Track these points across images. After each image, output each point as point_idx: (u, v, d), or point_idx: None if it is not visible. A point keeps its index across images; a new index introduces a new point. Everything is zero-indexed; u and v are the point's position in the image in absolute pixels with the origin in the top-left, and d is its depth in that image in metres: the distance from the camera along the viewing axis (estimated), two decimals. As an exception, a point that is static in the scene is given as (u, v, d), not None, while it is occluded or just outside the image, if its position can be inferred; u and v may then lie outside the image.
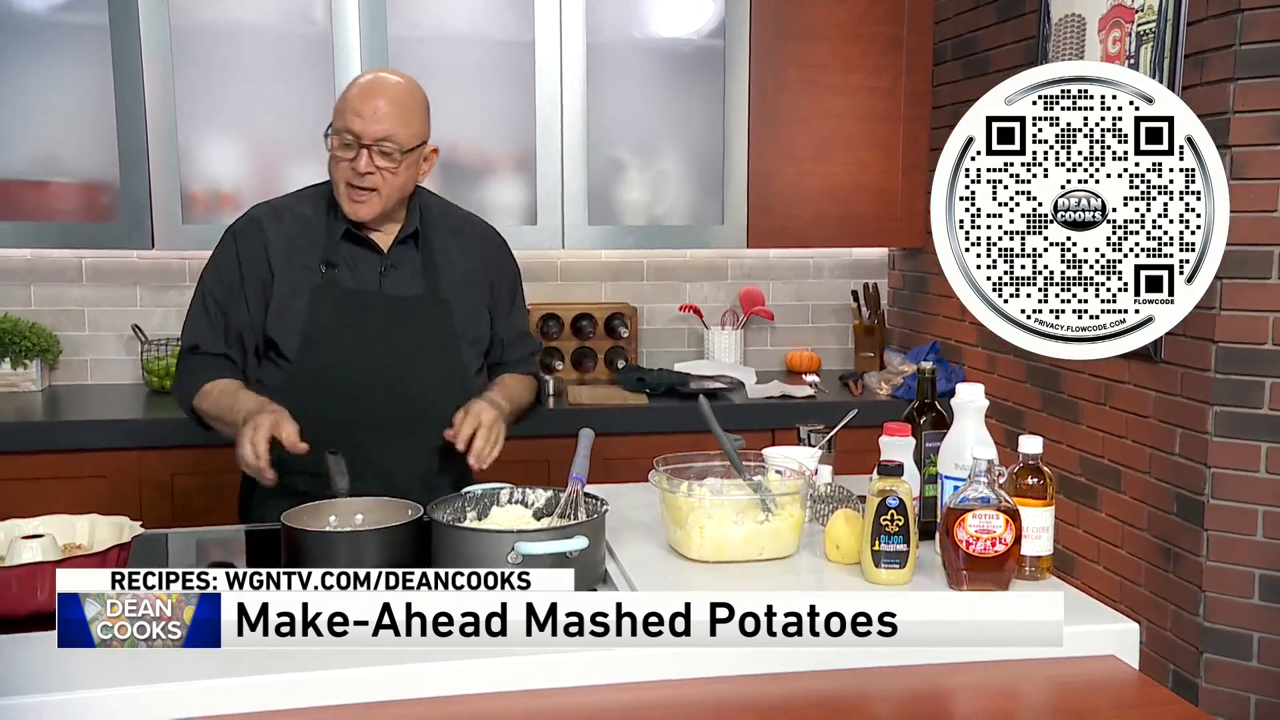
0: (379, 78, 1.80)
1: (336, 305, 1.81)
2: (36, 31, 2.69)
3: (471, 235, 1.97)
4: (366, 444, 1.79)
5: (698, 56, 3.01)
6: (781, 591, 1.42)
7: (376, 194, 1.77)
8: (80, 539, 1.45)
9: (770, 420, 2.83)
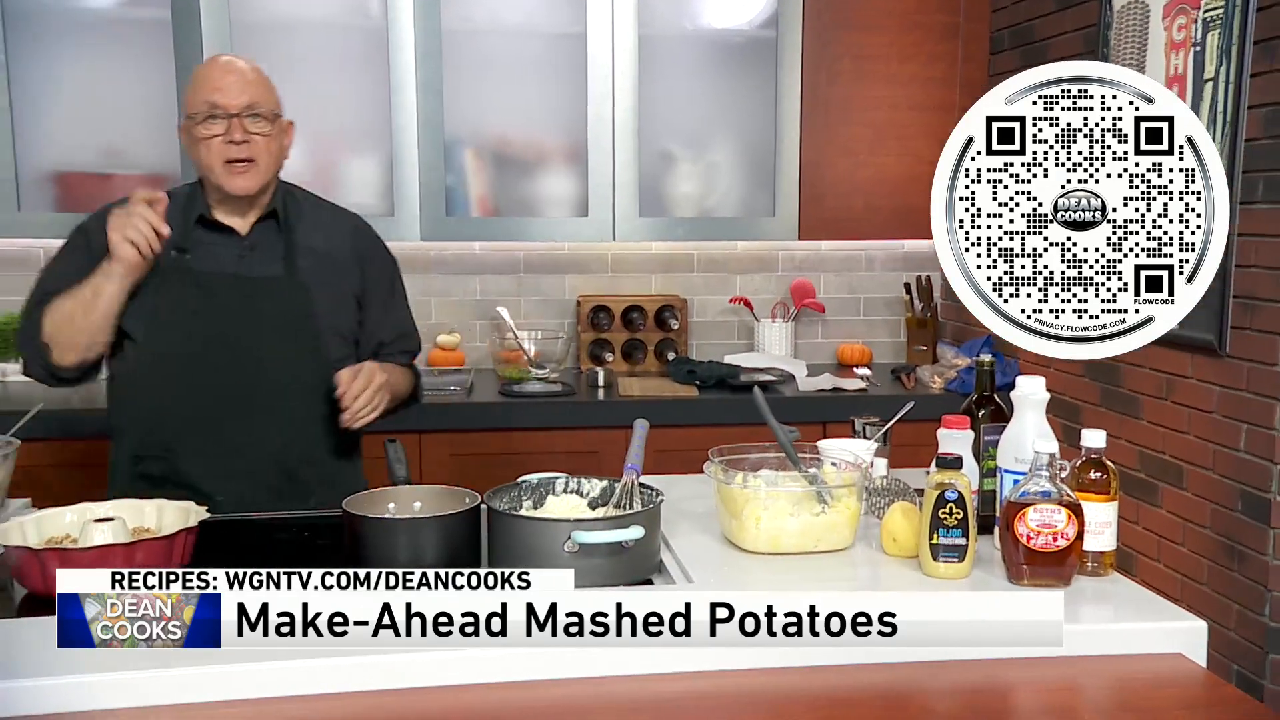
0: (226, 57, 1.85)
1: (183, 288, 1.80)
2: (101, 27, 2.75)
3: (339, 223, 1.96)
4: (216, 425, 1.80)
5: (749, 47, 3.00)
6: (838, 584, 1.43)
7: (255, 164, 1.79)
8: (148, 523, 1.48)
9: (821, 413, 2.81)
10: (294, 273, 1.85)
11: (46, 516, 1.45)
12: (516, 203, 2.99)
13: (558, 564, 1.39)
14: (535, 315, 3.26)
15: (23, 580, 1.36)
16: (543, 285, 3.27)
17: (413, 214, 2.89)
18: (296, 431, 1.84)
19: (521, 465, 2.66)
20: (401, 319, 2.02)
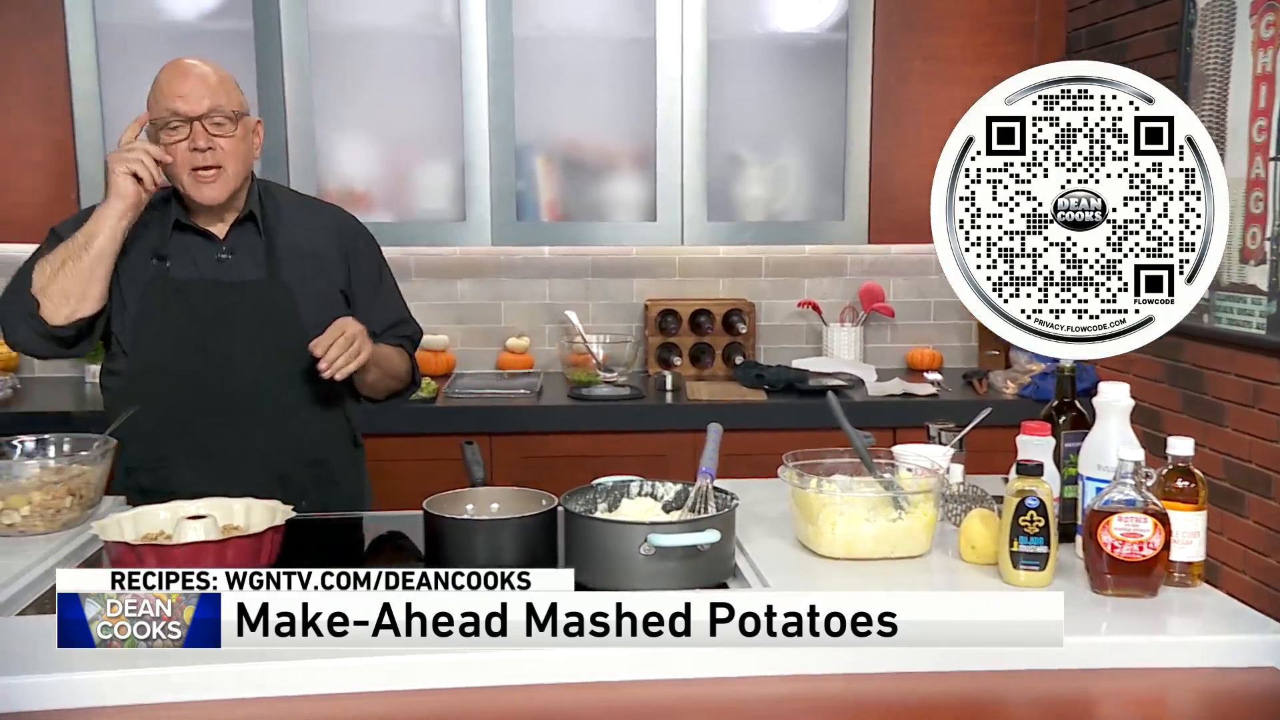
0: (182, 62, 1.80)
1: (165, 297, 1.80)
2: (186, 39, 2.83)
3: (321, 219, 1.94)
4: (205, 432, 1.80)
5: (819, 51, 2.99)
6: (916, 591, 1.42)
7: (222, 170, 1.76)
8: (237, 520, 1.53)
9: (892, 418, 2.78)
10: (276, 274, 1.84)
11: (142, 514, 1.49)
12: (586, 207, 3.02)
13: (633, 566, 1.40)
14: (603, 319, 3.28)
15: (120, 574, 1.40)
16: (611, 289, 3.29)
17: (484, 219, 2.93)
18: (287, 435, 1.83)
19: (590, 468, 2.68)
20: (392, 309, 2.00)
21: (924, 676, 1.24)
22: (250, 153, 1.83)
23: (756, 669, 1.24)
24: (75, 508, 1.57)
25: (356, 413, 1.99)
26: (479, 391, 2.91)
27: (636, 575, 1.40)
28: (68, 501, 1.56)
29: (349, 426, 1.96)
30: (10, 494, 1.52)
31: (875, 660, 1.24)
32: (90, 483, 1.59)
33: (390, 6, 2.88)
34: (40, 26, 2.74)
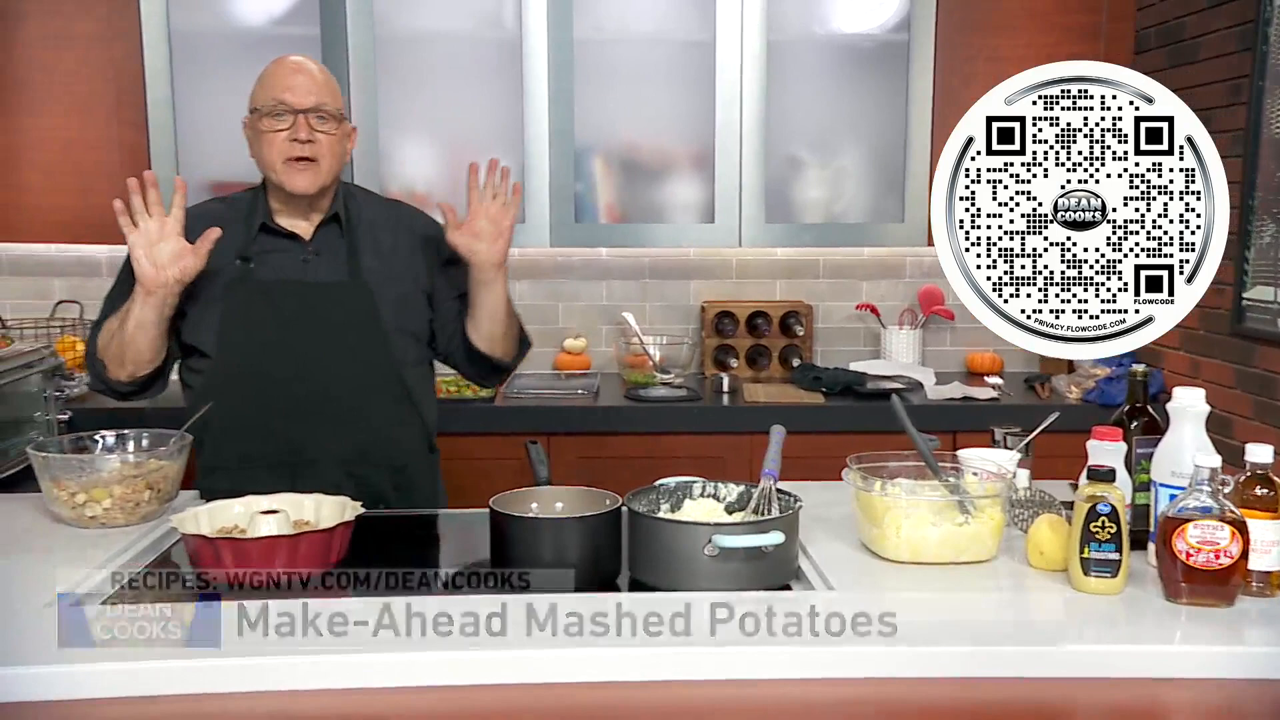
0: (295, 58, 1.84)
1: (250, 298, 1.80)
2: (255, 44, 2.89)
3: (405, 221, 1.95)
4: (285, 433, 1.80)
5: (880, 51, 2.97)
6: (981, 595, 1.41)
7: (317, 164, 1.78)
8: (308, 516, 1.56)
9: (952, 422, 2.75)
10: (358, 275, 1.84)
11: (217, 508, 1.53)
12: (644, 209, 3.03)
13: (697, 567, 1.41)
14: (660, 320, 3.29)
15: (198, 566, 1.44)
16: (668, 291, 3.30)
17: (543, 220, 2.95)
18: (366, 438, 1.83)
19: (647, 469, 2.69)
20: None
21: (991, 682, 1.23)
22: (344, 155, 1.86)
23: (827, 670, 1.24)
24: (153, 501, 1.62)
25: (433, 418, 1.99)
26: (537, 392, 2.93)
27: (700, 576, 1.41)
28: (146, 495, 1.60)
29: (426, 431, 1.96)
30: (92, 487, 1.57)
31: (941, 664, 1.24)
32: (168, 477, 1.64)
33: (453, 10, 2.92)
34: (116, 33, 2.82)
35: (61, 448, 1.64)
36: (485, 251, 1.81)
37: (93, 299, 3.16)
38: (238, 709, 1.15)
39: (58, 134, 2.85)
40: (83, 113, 2.84)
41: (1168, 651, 1.26)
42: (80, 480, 1.57)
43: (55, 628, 1.26)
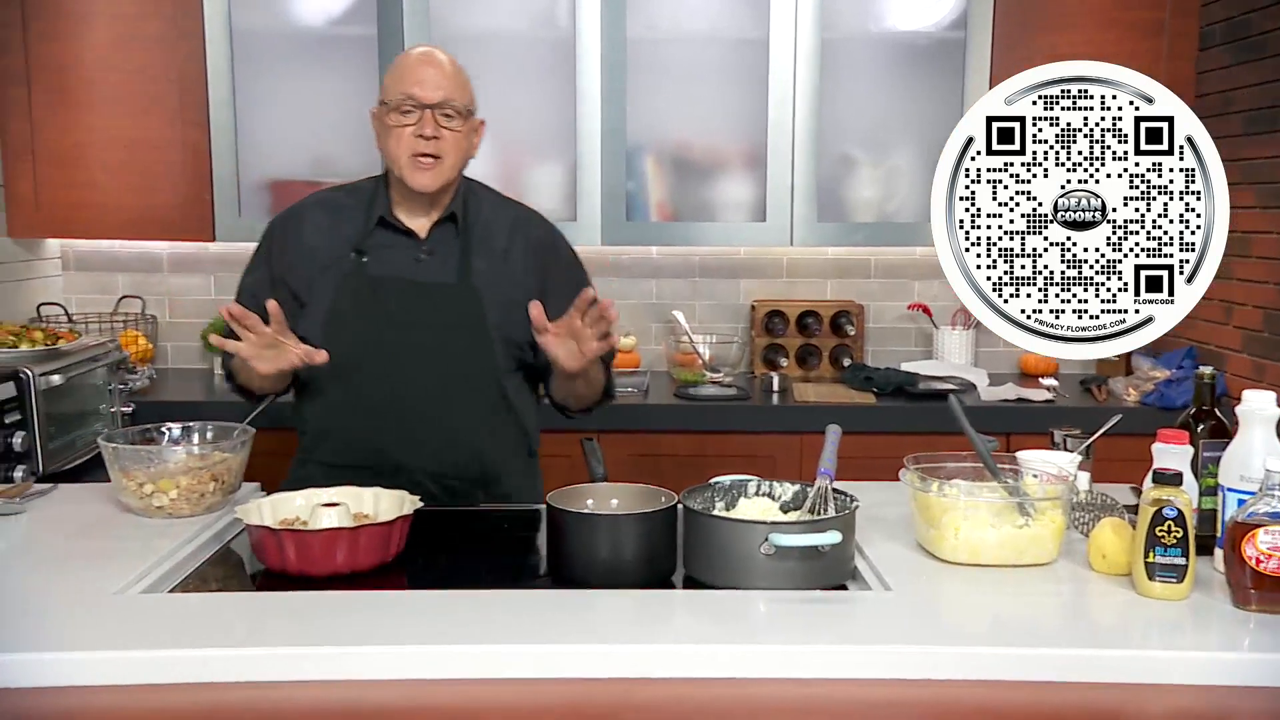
0: (429, 50, 1.81)
1: (359, 292, 1.79)
2: (314, 44, 2.94)
3: (521, 225, 1.89)
4: (379, 431, 1.78)
5: (936, 49, 2.94)
6: (1042, 599, 1.39)
7: (440, 161, 1.76)
8: (366, 508, 1.58)
9: (1006, 424, 2.72)
10: (468, 278, 1.81)
11: (280, 499, 1.56)
12: (695, 207, 3.03)
13: (753, 566, 1.40)
14: (709, 319, 3.28)
15: (261, 556, 1.47)
16: (717, 289, 3.30)
17: (594, 219, 2.96)
18: (461, 440, 1.80)
19: (697, 467, 2.70)
20: None
21: (1053, 686, 1.21)
22: (469, 151, 1.83)
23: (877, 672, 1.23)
24: (218, 492, 1.65)
25: (534, 424, 1.95)
26: (587, 389, 2.94)
27: (756, 574, 1.40)
28: (211, 486, 1.63)
29: (525, 439, 1.92)
30: (159, 478, 1.61)
31: (1002, 667, 1.22)
32: (231, 469, 1.67)
33: (507, 10, 2.94)
34: (181, 33, 2.87)
35: (130, 439, 1.68)
36: (562, 362, 1.72)
37: (154, 294, 3.25)
38: (306, 697, 1.17)
39: (123, 133, 2.91)
40: (147, 112, 2.91)
41: (1236, 659, 1.23)
42: (148, 471, 1.61)
43: (125, 615, 1.29)
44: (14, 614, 1.30)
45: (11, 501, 1.66)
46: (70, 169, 2.92)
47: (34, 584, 1.39)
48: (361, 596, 1.36)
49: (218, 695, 1.16)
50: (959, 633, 1.31)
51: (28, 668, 1.17)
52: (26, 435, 2.14)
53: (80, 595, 1.34)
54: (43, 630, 1.24)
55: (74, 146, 2.91)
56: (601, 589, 1.40)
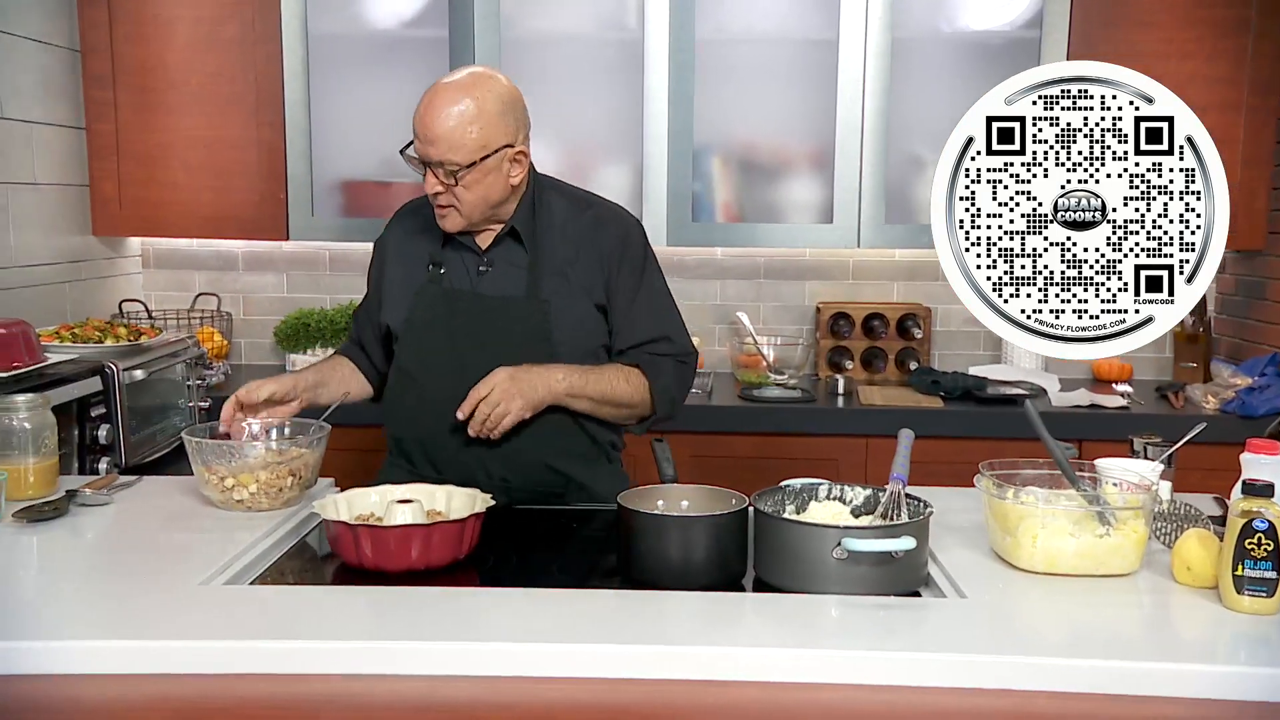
0: (436, 96, 1.72)
1: (432, 304, 1.83)
2: (387, 46, 2.99)
3: (587, 225, 1.84)
4: (442, 442, 1.80)
5: (1010, 48, 2.89)
6: (1123, 611, 1.36)
7: (454, 209, 1.76)
8: (439, 506, 1.60)
9: (1078, 430, 2.67)
10: (536, 292, 1.80)
11: (355, 495, 1.59)
12: (761, 209, 3.02)
13: (825, 570, 1.39)
14: (774, 321, 3.27)
15: (338, 550, 1.50)
16: (782, 291, 3.28)
17: (660, 219, 2.96)
18: (526, 452, 1.80)
19: (759, 469, 2.69)
20: (650, 324, 1.86)
21: (1134, 700, 1.19)
22: (496, 188, 1.76)
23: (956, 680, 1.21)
24: (295, 487, 1.68)
25: (607, 433, 1.92)
26: (651, 390, 2.95)
27: (828, 579, 1.39)
28: (289, 481, 1.67)
29: (596, 445, 1.89)
30: (240, 472, 1.64)
31: (1081, 679, 1.20)
32: (309, 464, 1.70)
33: (577, 12, 2.96)
34: (258, 36, 2.94)
35: (212, 433, 1.72)
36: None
37: (229, 291, 3.33)
38: (383, 690, 1.19)
39: (202, 134, 2.99)
40: (225, 113, 2.98)
41: (1330, 677, 1.19)
42: (229, 465, 1.65)
43: (210, 605, 1.33)
44: (106, 602, 1.34)
45: (100, 493, 1.71)
46: (152, 169, 3.00)
47: (124, 573, 1.43)
48: (436, 592, 1.38)
49: (300, 688, 1.19)
50: (1038, 642, 1.28)
51: (118, 655, 1.20)
52: (111, 429, 2.21)
53: (169, 586, 1.37)
54: (133, 618, 1.28)
55: (156, 147, 2.99)
56: (672, 590, 1.41)
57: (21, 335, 2.09)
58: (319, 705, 1.17)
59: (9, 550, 1.51)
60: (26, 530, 1.57)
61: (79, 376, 2.16)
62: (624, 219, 1.90)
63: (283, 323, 3.19)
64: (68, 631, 1.24)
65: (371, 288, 1.96)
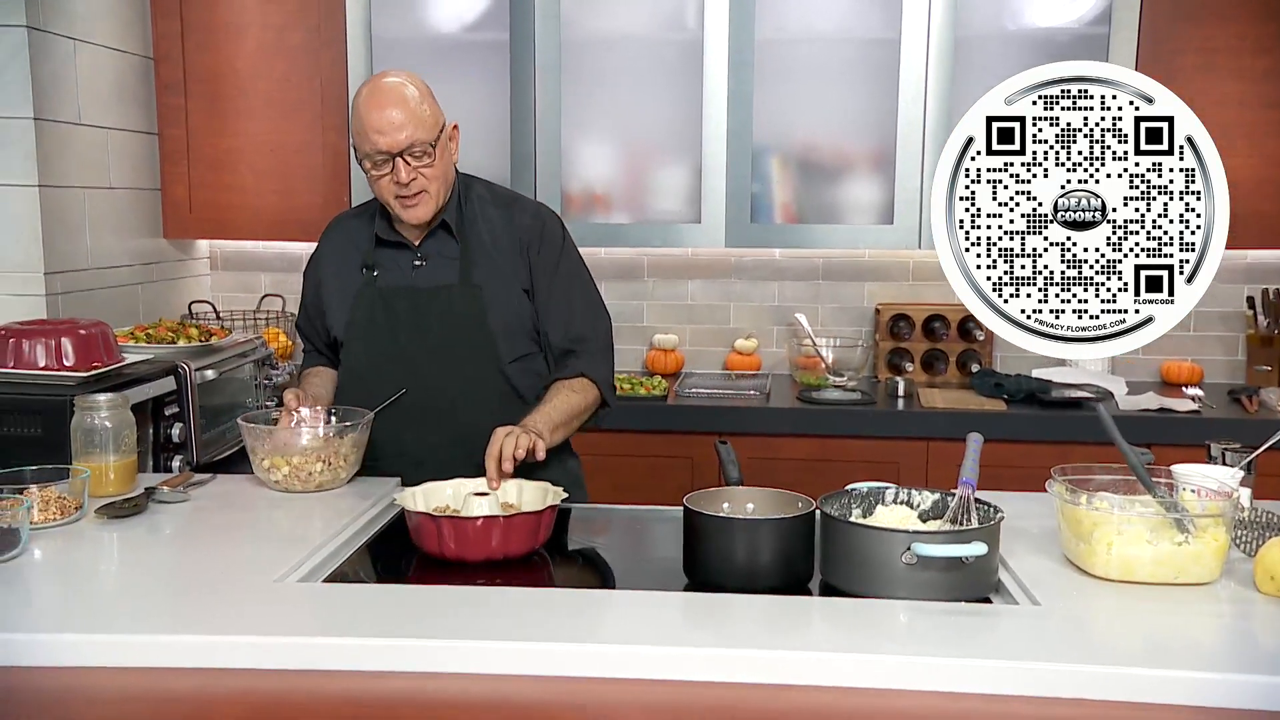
0: (379, 88, 1.79)
1: (370, 304, 1.89)
2: (449, 50, 3.02)
3: (509, 215, 1.93)
4: (400, 432, 1.87)
5: (1077, 45, 2.84)
6: (1203, 620, 1.33)
7: (426, 193, 1.81)
8: (510, 499, 1.62)
9: (1147, 435, 2.61)
10: (467, 277, 1.87)
11: (430, 489, 1.63)
12: (820, 209, 3.00)
13: (892, 575, 1.38)
14: (832, 322, 3.25)
15: (419, 541, 1.52)
16: (841, 293, 3.26)
17: (718, 220, 2.96)
18: (473, 434, 1.78)
19: (817, 472, 2.68)
20: (564, 314, 1.91)
21: (1217, 713, 1.16)
22: (448, 165, 1.86)
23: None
24: (325, 472, 1.78)
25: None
26: (708, 391, 2.95)
27: (896, 584, 1.38)
28: (318, 467, 1.77)
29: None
30: (273, 455, 1.77)
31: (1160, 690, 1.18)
32: (337, 452, 1.79)
33: (636, 13, 2.97)
34: (324, 41, 2.99)
35: (269, 419, 1.85)
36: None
37: (293, 293, 3.37)
38: (455, 690, 1.20)
39: (268, 138, 3.05)
40: (291, 118, 3.03)
41: None
42: (266, 448, 1.76)
43: (284, 602, 1.35)
44: (186, 598, 1.38)
45: (177, 490, 1.75)
46: (220, 173, 3.07)
47: (202, 570, 1.47)
48: (507, 592, 1.39)
49: (379, 684, 1.21)
50: (1114, 652, 1.26)
51: (199, 649, 1.23)
52: (184, 427, 2.26)
53: (246, 582, 1.40)
54: (212, 614, 1.31)
55: (224, 152, 3.06)
56: (738, 593, 1.40)
57: (101, 336, 2.15)
58: (395, 703, 1.19)
59: (92, 546, 1.55)
60: (108, 527, 1.62)
61: (154, 376, 2.22)
62: (541, 210, 1.99)
63: (345, 323, 3.24)
64: (150, 626, 1.27)
65: (310, 298, 2.03)
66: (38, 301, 2.58)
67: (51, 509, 1.59)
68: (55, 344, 2.07)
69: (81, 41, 2.73)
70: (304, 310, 2.06)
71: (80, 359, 2.09)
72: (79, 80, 2.72)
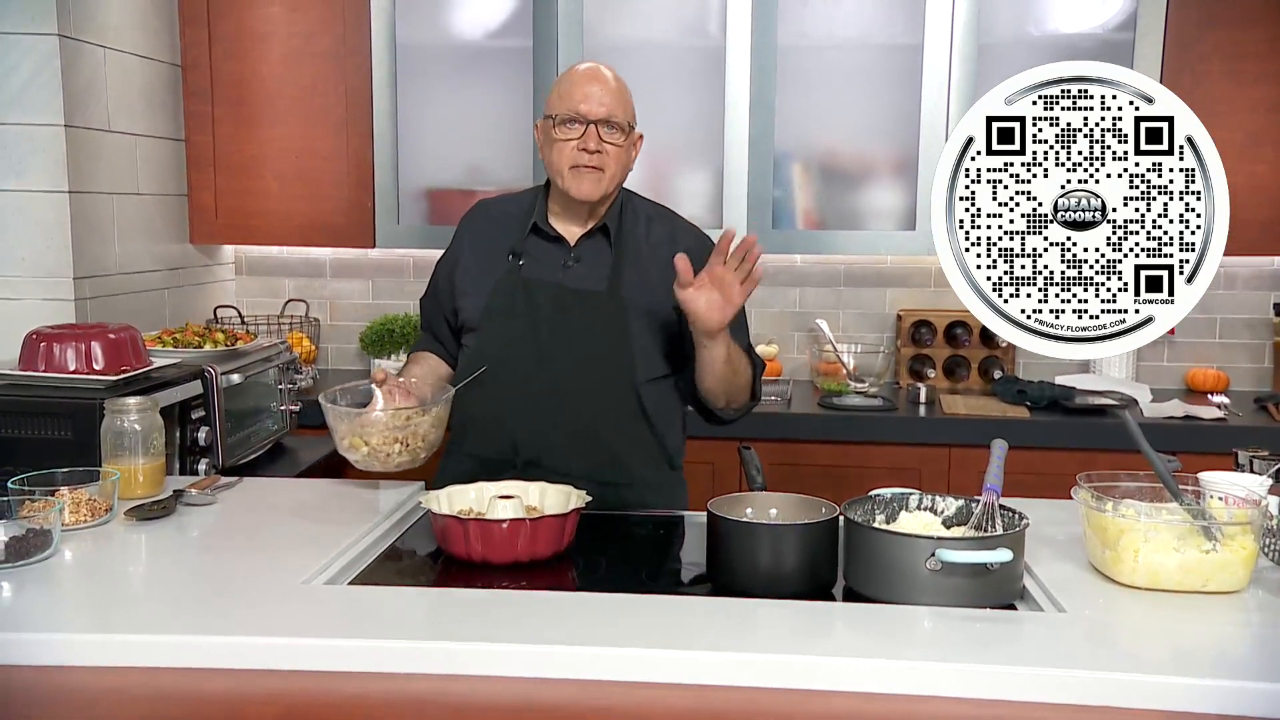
0: (595, 66, 1.86)
1: (512, 293, 1.86)
2: (472, 57, 3.04)
3: (669, 235, 1.92)
4: (517, 429, 1.84)
5: (1101, 51, 2.83)
6: (1231, 629, 1.32)
7: (602, 172, 1.81)
8: (533, 502, 1.63)
9: (1173, 442, 2.60)
10: (616, 288, 1.85)
11: (455, 491, 1.63)
12: (842, 215, 3.00)
13: (917, 581, 1.38)
14: (853, 328, 3.25)
15: (446, 543, 1.53)
16: (862, 298, 3.25)
17: (740, 226, 2.96)
18: (593, 443, 1.82)
19: (838, 478, 2.68)
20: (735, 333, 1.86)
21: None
22: (628, 164, 1.89)
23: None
24: (403, 454, 1.76)
25: (676, 438, 1.96)
26: (730, 397, 2.95)
27: (920, 590, 1.38)
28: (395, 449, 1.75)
29: (662, 449, 1.92)
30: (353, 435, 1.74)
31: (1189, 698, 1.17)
32: (417, 434, 1.76)
33: (659, 19, 2.98)
34: (349, 49, 3.02)
35: (352, 398, 1.83)
36: (704, 317, 1.72)
37: (317, 298, 3.41)
38: (483, 692, 1.21)
39: (293, 144, 3.08)
40: (316, 125, 3.06)
41: None
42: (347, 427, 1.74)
43: (311, 604, 1.36)
44: (214, 599, 1.39)
45: (204, 493, 1.77)
46: (246, 179, 3.10)
47: (230, 571, 1.48)
48: (534, 595, 1.40)
49: (407, 686, 1.21)
50: (1140, 659, 1.25)
51: (226, 650, 1.24)
52: (210, 431, 2.28)
53: (273, 584, 1.42)
54: (241, 615, 1.32)
55: (250, 158, 3.09)
56: (762, 598, 1.41)
57: (130, 340, 2.17)
58: (423, 704, 1.20)
59: (121, 548, 1.57)
60: (137, 529, 1.64)
61: (181, 380, 2.24)
62: (701, 234, 1.99)
63: (368, 328, 3.27)
64: (180, 626, 1.29)
65: (443, 280, 2.00)
66: (67, 306, 2.61)
67: (82, 511, 1.61)
68: (85, 348, 2.09)
69: (111, 50, 2.76)
70: (432, 288, 2.04)
71: (110, 363, 2.11)
72: (108, 88, 2.75)
